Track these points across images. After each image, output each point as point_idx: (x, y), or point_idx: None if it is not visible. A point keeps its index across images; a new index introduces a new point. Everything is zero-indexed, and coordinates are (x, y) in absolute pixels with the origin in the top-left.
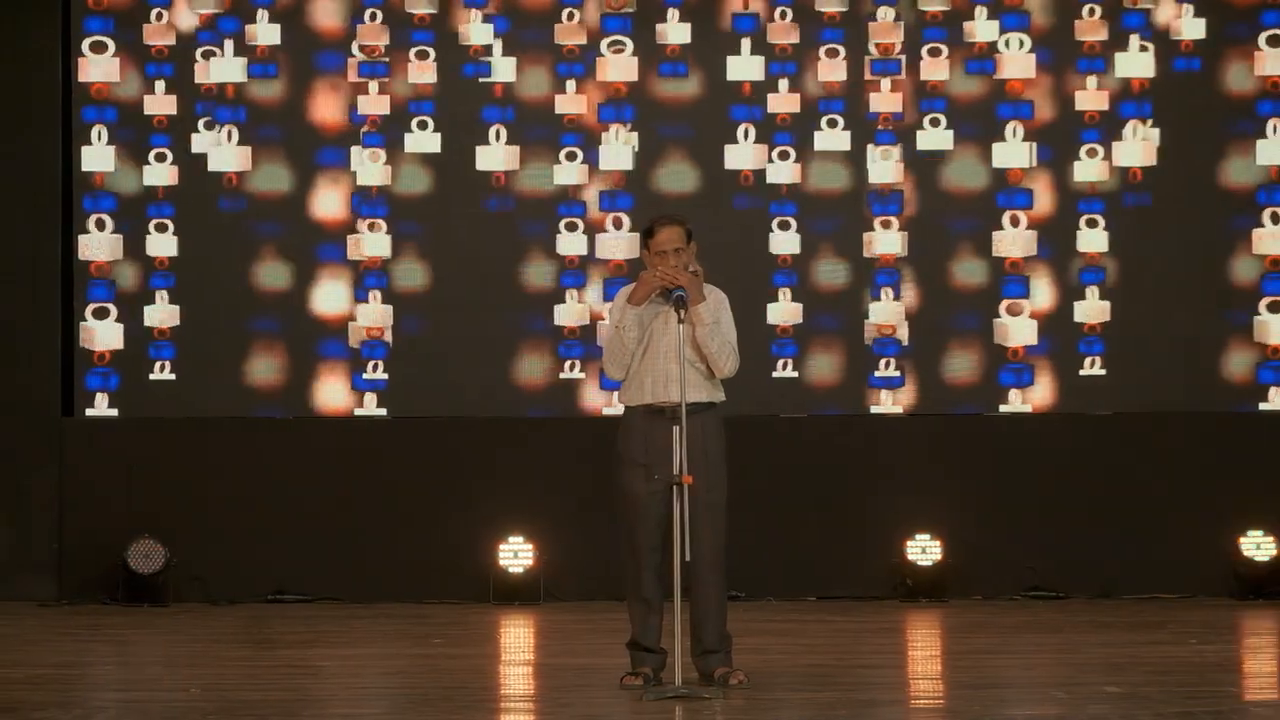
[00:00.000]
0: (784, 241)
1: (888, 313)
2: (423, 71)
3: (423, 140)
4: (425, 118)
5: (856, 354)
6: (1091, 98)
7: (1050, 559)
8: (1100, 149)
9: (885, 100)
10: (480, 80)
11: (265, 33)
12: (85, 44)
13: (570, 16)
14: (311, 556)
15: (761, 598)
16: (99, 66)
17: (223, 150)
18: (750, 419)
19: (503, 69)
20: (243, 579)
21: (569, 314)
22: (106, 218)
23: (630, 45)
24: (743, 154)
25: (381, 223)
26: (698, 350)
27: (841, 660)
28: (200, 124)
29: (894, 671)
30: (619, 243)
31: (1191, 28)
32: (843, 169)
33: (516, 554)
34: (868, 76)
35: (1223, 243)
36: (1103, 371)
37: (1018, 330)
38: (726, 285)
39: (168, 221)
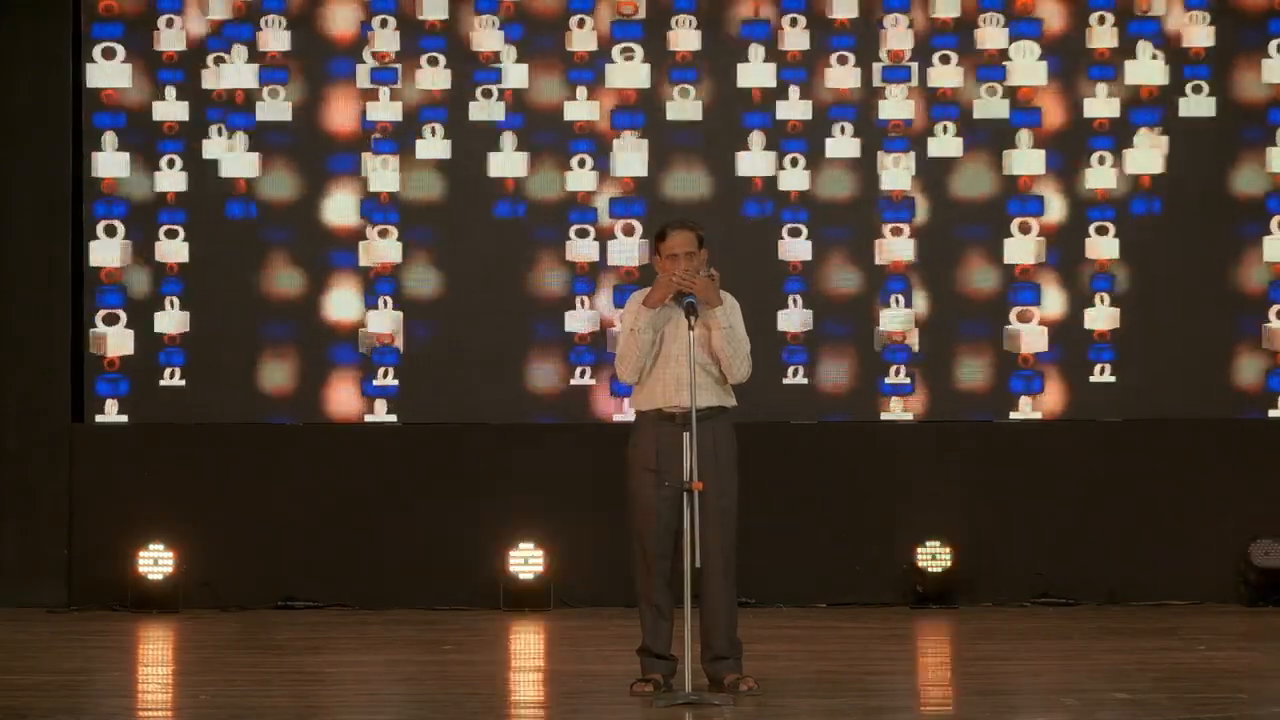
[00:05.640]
0: (795, 248)
1: (898, 319)
2: (434, 78)
3: (433, 146)
4: (436, 124)
5: (867, 361)
6: (1102, 105)
7: (1060, 565)
8: (1110, 156)
9: (896, 107)
10: (490, 86)
11: (276, 39)
12: (96, 50)
13: (581, 24)
14: (321, 563)
15: (772, 604)
16: (109, 72)
17: (233, 156)
18: (761, 425)
19: (513, 75)
20: (252, 585)
21: (579, 320)
22: (117, 224)
23: (641, 52)
24: (753, 161)
25: (392, 229)
26: (710, 355)
27: (851, 666)
28: (211, 130)
29: (904, 678)
30: (630, 249)
31: (1202, 35)
32: (853, 176)
33: (527, 560)
34: (877, 83)
35: (1233, 250)
36: (1113, 379)
37: (1028, 337)
38: (737, 291)
39: (178, 228)
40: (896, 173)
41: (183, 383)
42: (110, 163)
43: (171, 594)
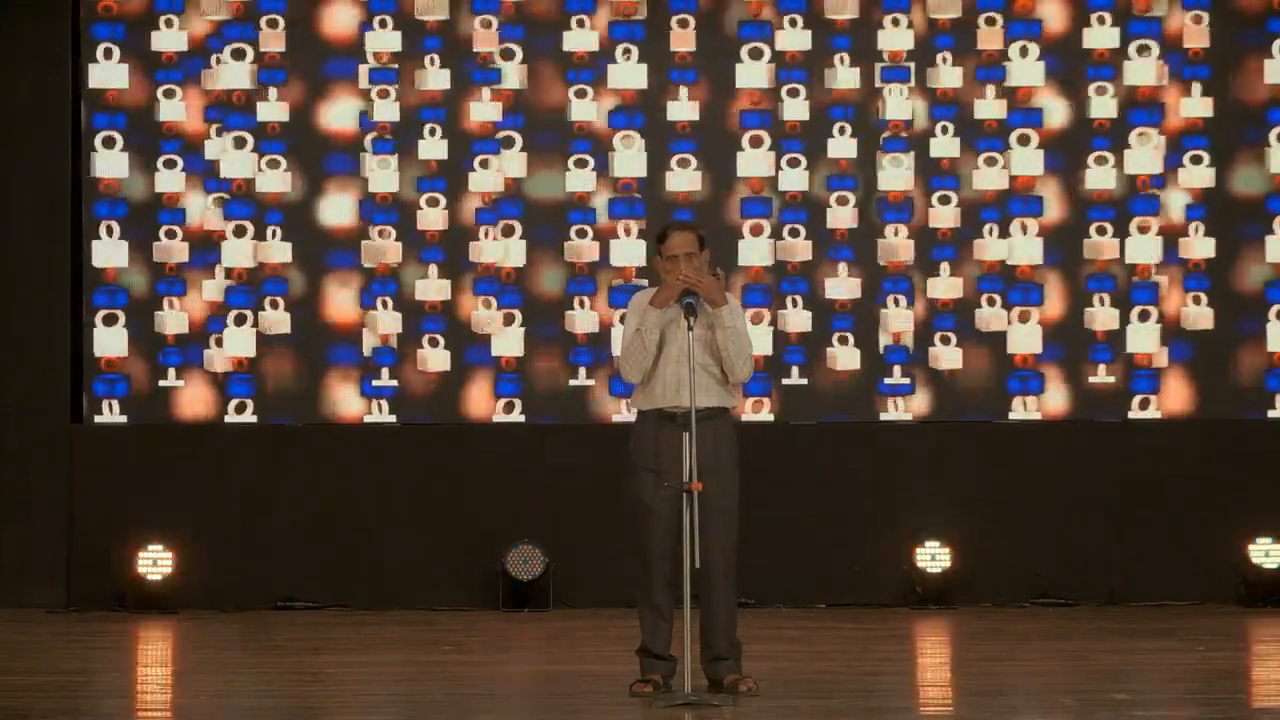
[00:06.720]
0: (794, 249)
1: (898, 320)
2: (433, 78)
3: (432, 147)
4: (435, 124)
5: (867, 361)
6: (1102, 105)
7: (1059, 566)
8: (1110, 156)
9: (896, 107)
10: (491, 87)
11: (274, 39)
12: (96, 50)
13: (580, 24)
14: (320, 563)
15: (771, 604)
16: (109, 73)
17: (232, 157)
18: (761, 425)
19: (513, 76)
20: (251, 586)
21: (580, 321)
22: (116, 224)
23: (640, 53)
24: (753, 161)
25: (391, 229)
26: (712, 355)
27: (851, 667)
28: (211, 130)
29: (903, 679)
30: (629, 250)
31: (1202, 35)
32: (853, 176)
33: (525, 560)
34: (877, 83)
35: (1233, 250)
36: (1111, 379)
37: (1027, 338)
38: (736, 292)
39: (177, 228)
40: (896, 173)
41: (182, 383)
42: (110, 163)
43: (171, 594)
